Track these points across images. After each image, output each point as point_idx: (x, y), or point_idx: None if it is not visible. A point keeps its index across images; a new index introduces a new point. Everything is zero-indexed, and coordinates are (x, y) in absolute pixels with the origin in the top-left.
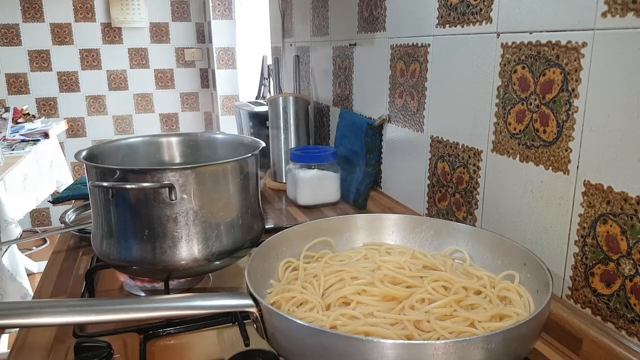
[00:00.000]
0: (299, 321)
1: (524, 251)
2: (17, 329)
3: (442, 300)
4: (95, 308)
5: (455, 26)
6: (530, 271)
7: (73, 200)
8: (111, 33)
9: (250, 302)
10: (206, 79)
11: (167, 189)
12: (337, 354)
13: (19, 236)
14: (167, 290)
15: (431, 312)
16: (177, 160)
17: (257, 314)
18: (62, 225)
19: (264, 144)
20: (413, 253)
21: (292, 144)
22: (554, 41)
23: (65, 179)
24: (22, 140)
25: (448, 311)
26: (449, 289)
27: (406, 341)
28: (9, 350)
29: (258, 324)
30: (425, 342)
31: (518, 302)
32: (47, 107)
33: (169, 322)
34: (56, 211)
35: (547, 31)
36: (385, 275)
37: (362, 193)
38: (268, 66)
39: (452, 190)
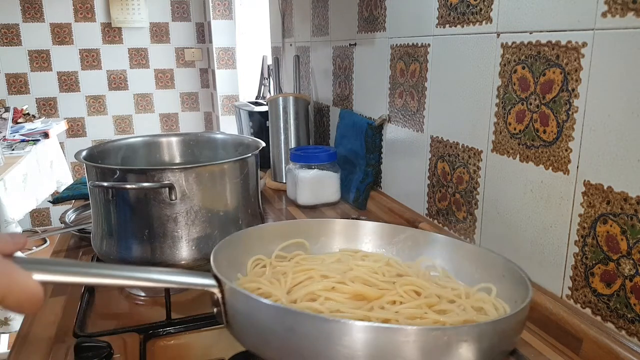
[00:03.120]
0: (263, 300)
1: (504, 262)
2: (17, 329)
3: (413, 302)
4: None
5: (455, 26)
6: (509, 282)
7: (73, 200)
8: (111, 33)
9: (212, 281)
10: (206, 79)
11: (167, 189)
12: (302, 337)
13: None
14: (167, 290)
15: (401, 312)
16: (177, 160)
17: (219, 295)
18: (62, 225)
19: (264, 144)
20: (388, 261)
21: (292, 144)
22: (554, 41)
23: (65, 179)
24: (22, 140)
25: (418, 313)
26: (421, 295)
27: (378, 324)
28: (9, 350)
29: (218, 308)
30: (398, 326)
31: (493, 314)
32: (47, 107)
33: (169, 322)
34: (56, 211)
35: (547, 31)
36: (356, 276)
37: (362, 193)
38: (268, 66)
39: (452, 190)
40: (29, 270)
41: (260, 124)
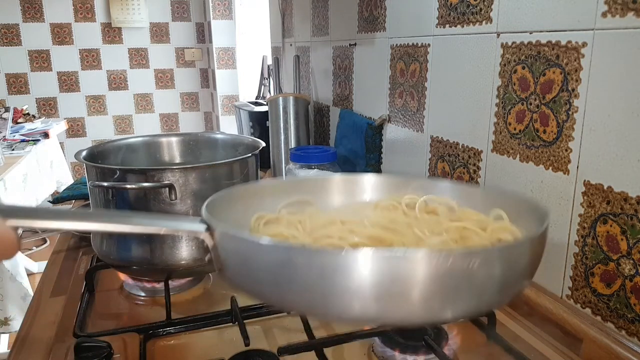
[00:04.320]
0: (255, 238)
1: (519, 198)
2: (17, 329)
3: (437, 239)
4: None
5: (455, 26)
6: (527, 215)
7: (73, 200)
8: (111, 33)
9: (202, 225)
10: (206, 79)
11: (167, 189)
12: (300, 273)
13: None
14: (167, 291)
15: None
16: (177, 160)
17: (210, 241)
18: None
19: (264, 144)
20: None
21: (292, 144)
22: (554, 41)
23: (65, 179)
24: (22, 140)
25: (445, 247)
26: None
27: (382, 249)
28: (9, 350)
29: (210, 255)
30: (411, 250)
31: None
32: (47, 107)
33: (169, 322)
34: None
35: (547, 31)
36: (375, 222)
37: None
38: (268, 66)
39: None
40: (1, 215)
41: (260, 124)
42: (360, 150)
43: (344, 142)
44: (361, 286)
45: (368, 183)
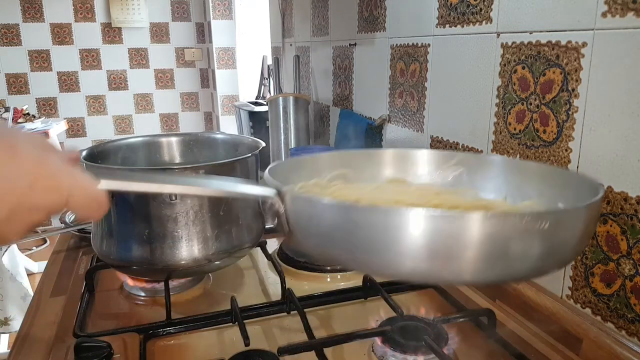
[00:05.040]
0: (325, 200)
1: (572, 176)
2: (17, 329)
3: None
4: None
5: (455, 26)
6: (581, 192)
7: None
8: (111, 33)
9: (272, 190)
10: (206, 79)
11: None
12: (367, 232)
13: None
14: (167, 291)
15: None
16: (178, 160)
17: (280, 204)
18: (62, 225)
19: (264, 144)
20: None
21: (292, 144)
22: (554, 41)
23: None
24: None
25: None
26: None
27: (446, 211)
28: (9, 350)
29: (281, 219)
30: (469, 212)
31: None
32: (47, 107)
33: (169, 322)
34: None
35: (547, 31)
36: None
37: None
38: (268, 66)
39: None
40: (95, 175)
41: (260, 124)
42: None
43: (344, 142)
44: (428, 245)
45: (420, 157)
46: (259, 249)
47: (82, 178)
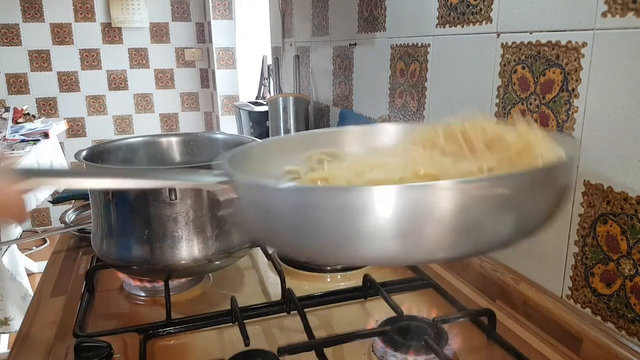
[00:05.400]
0: (274, 183)
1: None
2: (17, 329)
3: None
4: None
5: (455, 26)
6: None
7: (73, 200)
8: (111, 33)
9: (221, 178)
10: (206, 79)
11: (167, 189)
12: (321, 216)
13: (19, 236)
14: (167, 291)
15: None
16: (178, 160)
17: (231, 192)
18: (62, 225)
19: None
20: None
21: None
22: (554, 41)
23: None
24: (22, 140)
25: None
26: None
27: (397, 185)
28: (9, 350)
29: (233, 208)
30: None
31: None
32: (47, 107)
33: (169, 322)
34: (56, 211)
35: (547, 31)
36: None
37: None
38: (268, 66)
39: None
40: (11, 178)
41: (260, 124)
42: None
43: None
44: (387, 223)
45: (384, 132)
46: (259, 249)
47: None
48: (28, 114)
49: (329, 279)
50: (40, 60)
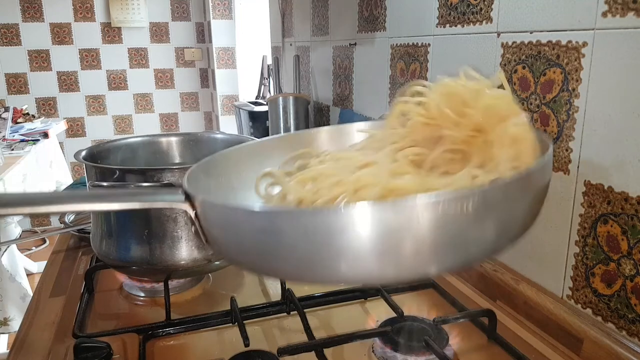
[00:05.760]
0: (233, 204)
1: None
2: (17, 329)
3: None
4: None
5: (456, 26)
6: None
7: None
8: (111, 33)
9: (181, 197)
10: (206, 78)
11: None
12: (285, 239)
13: (18, 236)
14: (166, 291)
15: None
16: (177, 160)
17: (191, 210)
18: (62, 225)
19: None
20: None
21: None
22: (554, 41)
23: (64, 179)
24: (22, 140)
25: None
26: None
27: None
28: (8, 351)
29: (196, 226)
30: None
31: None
32: (47, 107)
33: (169, 322)
34: None
35: (548, 31)
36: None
37: None
38: (268, 66)
39: None
40: None
41: (260, 123)
42: None
43: None
44: (357, 243)
45: (356, 131)
46: None
47: None
48: (27, 113)
49: None
50: (39, 60)
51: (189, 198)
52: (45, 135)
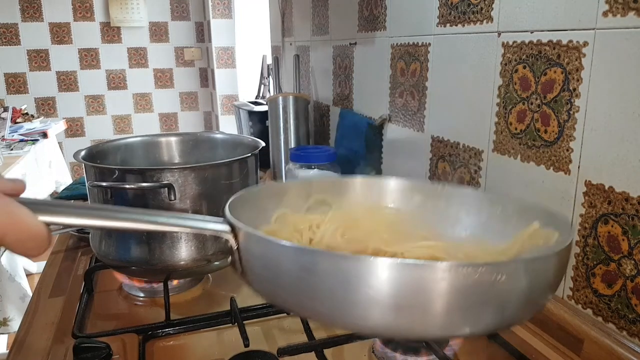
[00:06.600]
0: (278, 240)
1: (539, 209)
2: (16, 330)
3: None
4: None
5: (456, 25)
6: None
7: (72, 201)
8: (110, 32)
9: (226, 227)
10: (206, 78)
11: (166, 189)
12: (321, 278)
13: None
14: (166, 291)
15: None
16: (177, 160)
17: (233, 241)
18: (61, 225)
19: (263, 144)
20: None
21: (292, 144)
22: (555, 40)
23: (64, 179)
24: (21, 140)
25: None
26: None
27: (406, 260)
28: (7, 351)
29: (233, 256)
30: (428, 262)
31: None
32: (46, 107)
33: (169, 322)
34: None
35: (548, 30)
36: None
37: None
38: (268, 66)
39: None
40: (33, 210)
41: (260, 123)
42: (361, 150)
43: (344, 142)
44: (383, 295)
45: (389, 186)
46: None
47: (18, 215)
48: (27, 113)
49: None
50: (39, 59)
51: (233, 229)
52: (45, 135)
